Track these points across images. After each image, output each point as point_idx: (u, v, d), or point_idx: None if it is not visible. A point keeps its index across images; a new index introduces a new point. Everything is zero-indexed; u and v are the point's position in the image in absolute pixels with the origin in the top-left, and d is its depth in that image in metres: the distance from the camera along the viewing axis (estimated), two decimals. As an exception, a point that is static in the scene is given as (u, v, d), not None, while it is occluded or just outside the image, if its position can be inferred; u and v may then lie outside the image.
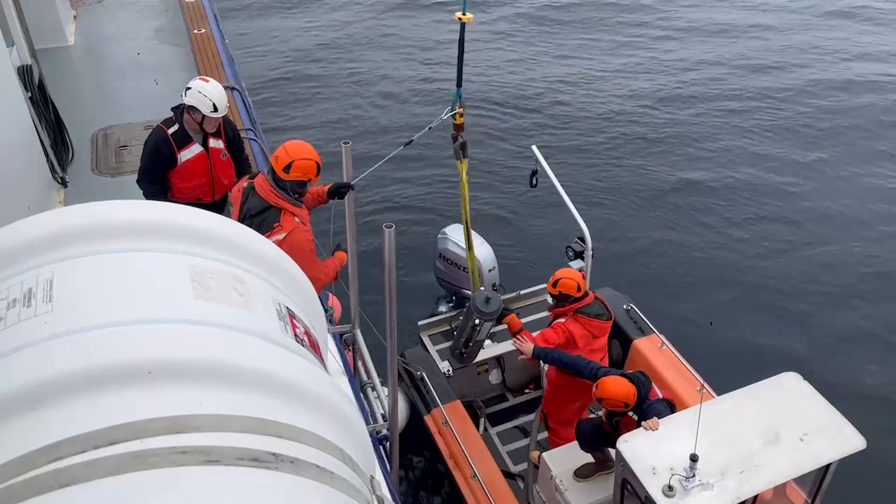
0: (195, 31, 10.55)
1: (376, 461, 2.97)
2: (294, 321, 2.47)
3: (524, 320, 7.81)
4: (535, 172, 7.97)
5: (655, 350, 7.78)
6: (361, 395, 6.15)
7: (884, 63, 16.76)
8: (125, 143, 8.42)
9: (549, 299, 6.94)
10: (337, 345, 6.01)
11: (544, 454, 6.77)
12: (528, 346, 6.67)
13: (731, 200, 12.42)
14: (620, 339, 8.15)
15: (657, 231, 11.74)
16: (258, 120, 9.03)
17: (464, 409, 7.54)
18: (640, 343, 7.92)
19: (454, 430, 7.13)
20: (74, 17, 11.22)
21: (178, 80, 9.19)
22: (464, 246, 8.38)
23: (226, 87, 8.93)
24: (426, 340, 8.57)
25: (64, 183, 7.71)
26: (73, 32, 10.79)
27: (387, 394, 5.74)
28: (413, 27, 18.10)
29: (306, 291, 2.78)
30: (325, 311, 6.26)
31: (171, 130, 6.00)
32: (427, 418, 7.48)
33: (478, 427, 7.94)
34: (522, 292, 8.91)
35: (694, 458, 4.93)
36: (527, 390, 8.55)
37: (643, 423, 5.54)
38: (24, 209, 6.23)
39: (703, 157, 13.48)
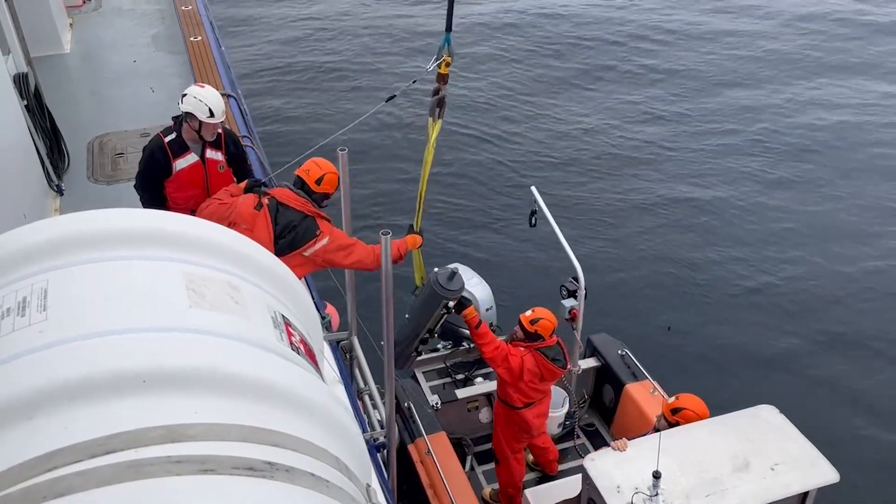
0: (191, 39, 10.56)
1: (372, 469, 2.96)
2: (290, 329, 2.47)
3: None
4: (534, 212, 7.95)
5: (647, 395, 7.78)
6: (358, 402, 6.14)
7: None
8: (121, 150, 8.41)
9: (519, 331, 6.90)
10: (334, 352, 6.00)
11: (527, 490, 6.84)
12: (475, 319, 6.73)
13: (735, 235, 12.43)
14: (613, 384, 8.17)
15: (656, 275, 11.74)
16: (255, 127, 9.04)
17: (448, 441, 7.50)
18: (632, 388, 7.93)
19: (436, 460, 7.11)
20: (71, 24, 11.23)
21: (174, 87, 9.20)
22: (464, 285, 8.33)
23: (222, 95, 8.97)
24: (419, 375, 8.61)
25: (60, 191, 7.70)
26: (69, 40, 10.80)
27: (384, 401, 5.73)
28: (412, 24, 18.13)
29: (302, 299, 2.78)
30: (322, 318, 6.27)
31: (168, 138, 5.99)
32: (410, 447, 7.47)
33: (464, 464, 7.93)
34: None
35: (657, 476, 4.95)
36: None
37: (612, 443, 5.60)
38: (19, 217, 6.23)
39: (707, 189, 13.50)
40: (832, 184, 13.56)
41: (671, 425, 6.16)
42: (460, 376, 8.63)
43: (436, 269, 6.29)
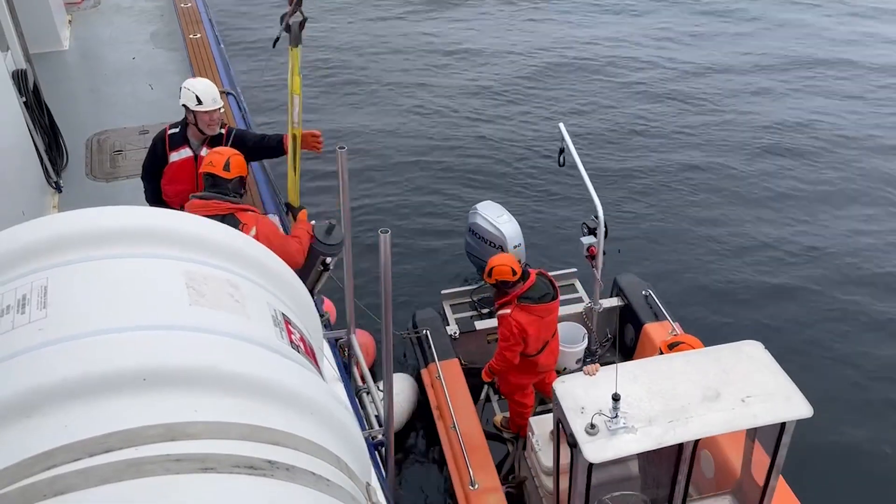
0: (190, 36, 10.54)
1: (372, 468, 2.96)
2: (290, 327, 2.47)
3: None
4: (562, 150, 8.03)
5: (665, 335, 7.82)
6: (357, 399, 6.14)
7: None
8: (120, 147, 8.40)
9: (492, 292, 7.11)
10: (333, 350, 6.00)
11: (531, 419, 6.94)
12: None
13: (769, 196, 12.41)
14: (635, 324, 8.29)
15: (686, 221, 11.82)
16: (253, 124, 9.03)
17: (459, 368, 7.85)
18: (651, 327, 8.06)
19: (444, 383, 7.50)
20: (69, 21, 11.20)
21: (173, 84, 9.18)
22: (493, 221, 8.72)
23: (222, 93, 8.95)
24: (446, 307, 8.94)
25: (58, 188, 7.69)
26: (68, 37, 10.78)
27: (382, 398, 5.72)
28: (416, 32, 18.15)
29: (302, 297, 2.78)
30: (321, 316, 6.25)
31: (172, 131, 6.05)
32: (423, 372, 7.92)
33: (480, 392, 8.22)
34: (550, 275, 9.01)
35: (615, 398, 5.03)
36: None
37: (585, 368, 5.65)
38: (18, 214, 6.22)
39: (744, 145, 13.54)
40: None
41: None
42: (486, 310, 8.82)
43: (312, 222, 5.74)
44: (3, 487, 1.68)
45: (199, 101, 5.85)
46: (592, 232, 7.82)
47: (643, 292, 8.48)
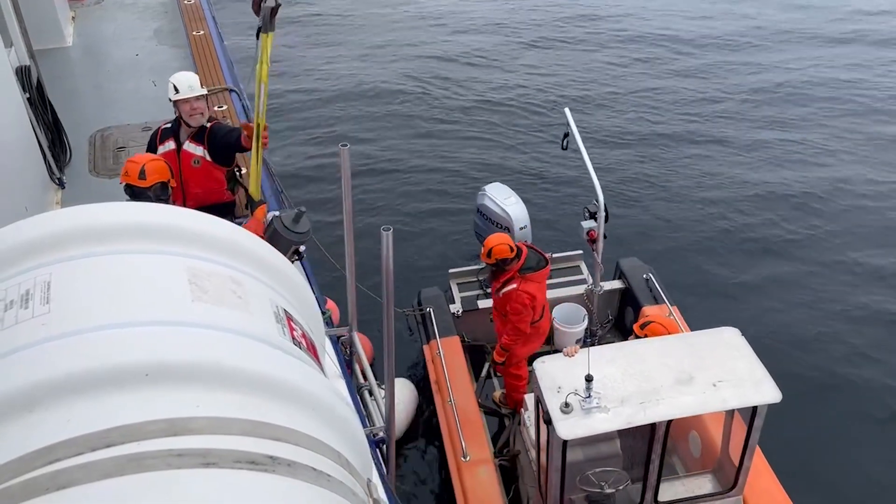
0: (194, 33, 10.55)
1: (373, 464, 2.97)
2: (292, 324, 2.47)
3: (554, 281, 8.47)
4: (566, 135, 8.10)
5: (661, 317, 7.90)
6: (358, 397, 6.15)
7: None
8: (123, 144, 8.41)
9: (489, 272, 7.31)
10: (335, 348, 6.00)
11: (526, 396, 7.09)
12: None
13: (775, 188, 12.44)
14: (634, 307, 8.42)
15: (691, 207, 11.91)
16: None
17: (460, 345, 8.09)
18: (648, 310, 8.19)
19: (443, 359, 7.74)
20: (73, 17, 11.22)
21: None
22: (500, 203, 8.86)
23: (224, 90, 8.97)
24: (453, 285, 9.12)
25: (61, 184, 7.70)
26: (71, 33, 10.79)
27: (383, 396, 5.73)
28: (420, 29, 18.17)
29: (304, 294, 2.78)
30: (323, 313, 6.26)
31: (165, 125, 6.07)
32: (425, 347, 8.16)
33: (481, 369, 8.46)
34: (555, 255, 9.01)
35: (588, 379, 5.23)
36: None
37: (564, 349, 5.86)
38: (21, 210, 6.23)
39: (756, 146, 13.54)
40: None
41: None
42: (489, 290, 8.90)
43: (277, 213, 5.56)
44: (5, 482, 1.68)
45: (177, 91, 5.85)
46: (593, 216, 7.93)
47: (644, 276, 8.61)
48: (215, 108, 8.43)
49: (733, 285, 10.31)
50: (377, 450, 5.63)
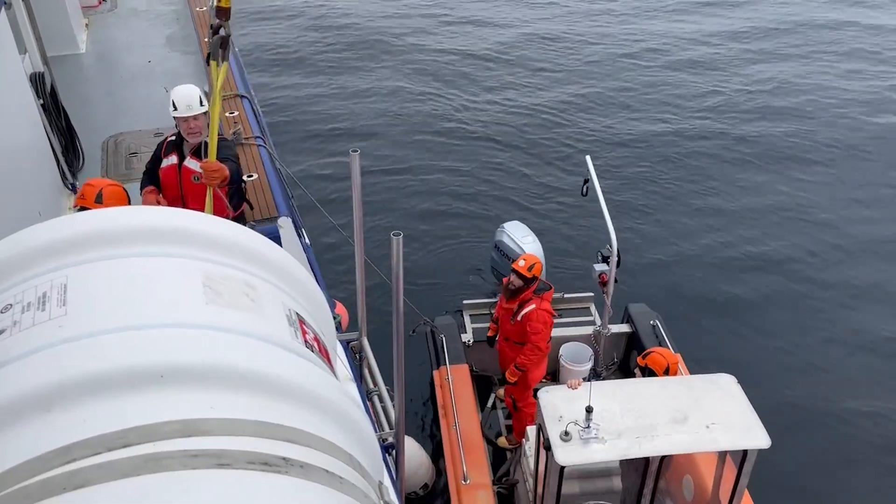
0: (206, 39, 10.58)
1: (384, 468, 2.98)
2: (304, 327, 2.49)
3: (563, 320, 8.78)
4: (586, 181, 8.30)
5: (661, 349, 7.98)
6: (368, 402, 6.15)
7: None
8: (135, 150, 8.47)
9: (516, 280, 7.48)
10: (346, 352, 6.02)
11: (528, 427, 7.33)
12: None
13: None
14: (639, 351, 8.45)
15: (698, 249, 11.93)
16: (267, 127, 9.07)
17: (468, 373, 8.31)
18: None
19: (451, 386, 8.03)
20: (86, 25, 11.31)
21: (188, 87, 9.23)
22: (518, 241, 9.08)
23: (235, 96, 9.02)
24: (466, 315, 9.38)
25: (74, 189, 7.75)
26: (85, 40, 10.88)
27: (393, 402, 5.73)
28: (429, 36, 18.22)
29: (316, 298, 2.80)
30: (333, 318, 6.27)
31: (172, 137, 6.03)
32: (434, 373, 8.48)
33: (487, 399, 8.73)
34: (566, 296, 9.44)
35: (588, 410, 5.52)
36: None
37: (568, 381, 6.15)
38: (34, 215, 6.28)
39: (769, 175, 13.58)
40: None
41: (644, 372, 6.90)
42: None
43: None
44: (23, 481, 1.70)
45: (175, 108, 5.79)
46: (606, 260, 8.17)
47: (651, 322, 8.82)
48: (226, 115, 8.47)
49: (740, 332, 10.36)
50: (387, 455, 5.64)
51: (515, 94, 15.97)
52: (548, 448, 5.64)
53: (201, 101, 5.88)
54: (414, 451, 7.99)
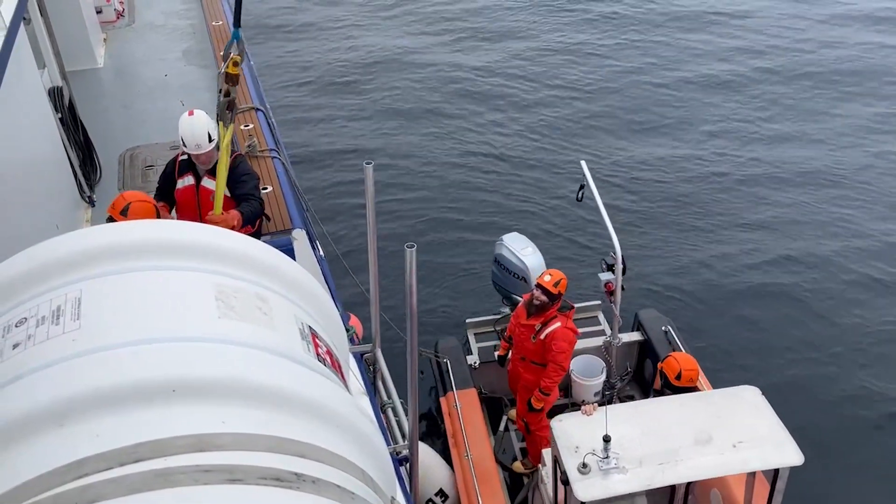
0: (221, 53, 10.70)
1: (397, 482, 2.96)
2: (316, 340, 2.49)
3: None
4: (582, 187, 8.14)
5: (677, 353, 7.84)
6: (381, 415, 6.14)
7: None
8: (151, 163, 8.53)
9: (541, 297, 7.09)
10: (358, 364, 6.01)
11: (544, 450, 6.97)
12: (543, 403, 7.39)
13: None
14: (654, 359, 8.27)
15: (706, 255, 11.73)
16: (282, 140, 9.12)
17: (477, 397, 7.98)
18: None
19: (460, 412, 7.65)
20: (104, 39, 11.44)
21: (204, 101, 9.30)
22: (518, 253, 8.78)
23: (250, 109, 9.08)
24: (471, 336, 8.97)
25: (91, 202, 7.82)
26: (102, 55, 10.99)
27: (407, 415, 5.72)
28: (445, 51, 18.28)
29: (329, 311, 2.80)
30: (347, 330, 6.27)
31: (183, 157, 6.01)
32: (442, 399, 8.08)
33: (499, 423, 8.38)
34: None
35: (606, 440, 5.17)
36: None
37: (582, 408, 5.79)
38: (52, 228, 6.33)
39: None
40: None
41: (663, 379, 6.65)
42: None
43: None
44: (36, 495, 1.71)
45: (184, 144, 5.77)
46: (611, 268, 7.88)
47: (663, 328, 8.49)
48: (241, 128, 8.53)
49: (756, 338, 10.05)
50: (401, 468, 5.61)
51: (518, 111, 15.85)
52: (566, 483, 5.31)
53: (210, 137, 5.85)
54: (428, 455, 7.94)
